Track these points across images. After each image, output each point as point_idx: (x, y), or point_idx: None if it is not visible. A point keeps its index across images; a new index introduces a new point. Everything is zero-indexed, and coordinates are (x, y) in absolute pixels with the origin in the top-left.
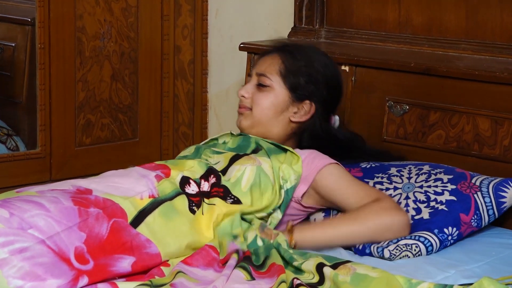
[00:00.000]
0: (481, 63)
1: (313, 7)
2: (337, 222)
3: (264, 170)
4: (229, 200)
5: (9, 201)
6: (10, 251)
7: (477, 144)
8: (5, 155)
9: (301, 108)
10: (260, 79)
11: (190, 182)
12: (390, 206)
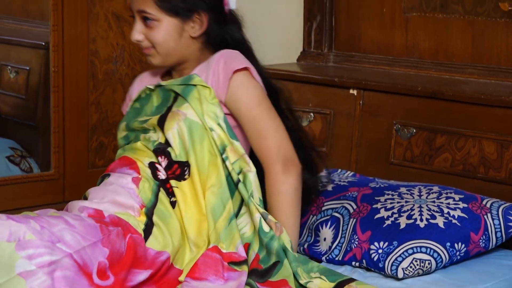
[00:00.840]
0: (487, 87)
1: (322, 31)
2: (287, 218)
3: (192, 118)
4: (187, 174)
5: (36, 216)
6: (37, 263)
7: (483, 167)
8: (19, 177)
9: (194, 21)
10: (142, 16)
11: (157, 168)
12: (287, 176)
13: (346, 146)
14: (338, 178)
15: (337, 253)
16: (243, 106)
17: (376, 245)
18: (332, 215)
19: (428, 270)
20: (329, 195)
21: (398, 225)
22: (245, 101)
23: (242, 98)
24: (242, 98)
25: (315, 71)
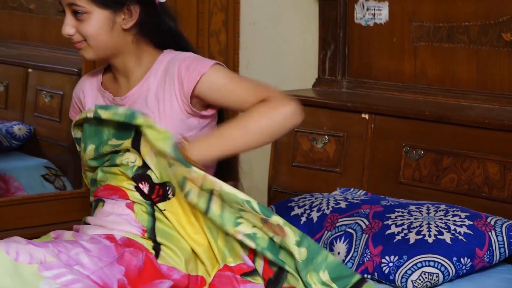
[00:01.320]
0: (491, 112)
1: (336, 59)
2: (229, 131)
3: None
4: (170, 194)
5: (54, 241)
6: (61, 282)
7: (487, 187)
8: (53, 194)
9: (125, 13)
10: (72, 9)
11: (143, 190)
12: (279, 103)
13: (358, 167)
14: (351, 196)
15: (350, 266)
16: (221, 88)
17: (387, 259)
18: (345, 230)
19: (436, 283)
20: (342, 212)
21: (407, 240)
22: (219, 85)
23: (216, 84)
24: (216, 84)
25: (329, 96)
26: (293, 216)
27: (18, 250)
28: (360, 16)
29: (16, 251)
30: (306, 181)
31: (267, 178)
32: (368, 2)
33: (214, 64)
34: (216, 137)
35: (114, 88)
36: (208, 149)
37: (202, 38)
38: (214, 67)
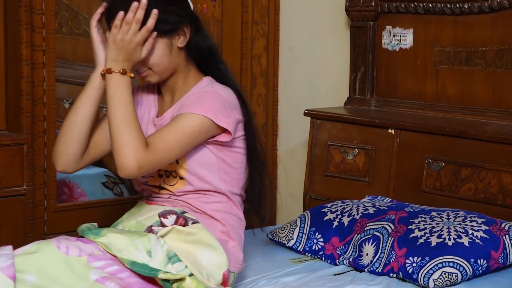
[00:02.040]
0: (505, 128)
1: (365, 80)
2: (129, 111)
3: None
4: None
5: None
6: (109, 271)
7: (501, 196)
8: (112, 199)
9: (180, 34)
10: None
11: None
12: (139, 156)
13: (385, 177)
14: (379, 203)
15: (377, 266)
16: (178, 121)
17: (410, 260)
18: (373, 234)
19: (455, 282)
20: (371, 217)
21: (429, 243)
22: (183, 120)
23: (184, 118)
24: (184, 118)
25: (359, 113)
26: (326, 220)
27: (68, 245)
28: (387, 42)
29: (66, 246)
30: (338, 189)
31: (303, 187)
32: (394, 29)
33: (201, 115)
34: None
35: (161, 105)
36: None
37: (245, 61)
38: (197, 116)
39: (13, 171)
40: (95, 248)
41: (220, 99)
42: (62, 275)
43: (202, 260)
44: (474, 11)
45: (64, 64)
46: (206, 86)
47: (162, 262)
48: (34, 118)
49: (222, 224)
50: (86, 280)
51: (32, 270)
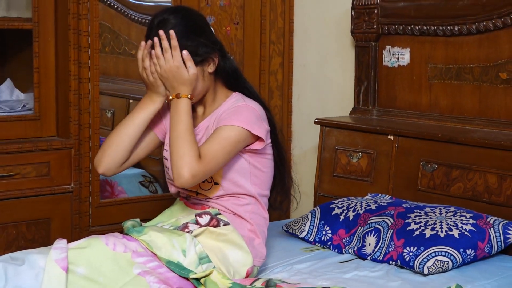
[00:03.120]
0: (490, 135)
1: (368, 93)
2: (184, 129)
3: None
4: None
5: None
6: (150, 266)
7: (486, 194)
8: (148, 197)
9: (210, 61)
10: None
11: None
12: (194, 164)
13: (385, 177)
14: (380, 200)
15: (378, 255)
16: (222, 132)
17: (408, 249)
18: (375, 226)
19: (447, 269)
20: (373, 212)
21: (424, 235)
22: (225, 131)
23: (226, 129)
24: (226, 129)
25: (362, 122)
26: (334, 215)
27: (115, 242)
28: (387, 60)
29: (114, 243)
30: (344, 188)
31: (313, 186)
32: (393, 49)
33: (239, 126)
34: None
35: (194, 118)
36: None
37: (263, 76)
38: (236, 128)
39: (62, 172)
40: (138, 246)
41: (252, 112)
42: (108, 268)
43: (230, 257)
44: (463, 32)
45: (106, 79)
46: (238, 101)
47: (193, 262)
48: (80, 126)
49: (250, 223)
50: (129, 274)
51: (82, 263)
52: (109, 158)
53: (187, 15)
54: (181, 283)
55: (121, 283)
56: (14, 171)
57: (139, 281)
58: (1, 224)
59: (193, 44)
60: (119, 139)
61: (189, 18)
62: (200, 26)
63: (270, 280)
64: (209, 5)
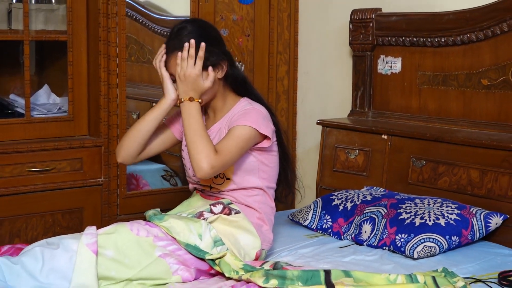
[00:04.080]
0: (473, 135)
1: (364, 97)
2: (200, 128)
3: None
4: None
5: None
6: (169, 249)
7: (470, 187)
8: (169, 189)
9: (219, 68)
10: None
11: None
12: (210, 158)
13: (379, 172)
14: (374, 192)
15: (373, 241)
16: (235, 131)
17: (399, 236)
18: (370, 216)
19: (434, 253)
20: (368, 203)
21: (414, 223)
22: (238, 130)
23: (238, 129)
24: (238, 129)
25: (359, 123)
26: (334, 205)
27: (139, 228)
28: (381, 68)
29: (137, 228)
30: (343, 181)
31: (315, 180)
32: (387, 58)
33: (249, 126)
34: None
35: (207, 122)
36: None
37: (271, 82)
38: (246, 127)
39: (93, 167)
40: (159, 231)
41: (259, 114)
42: (133, 251)
43: (241, 241)
44: (449, 44)
45: (132, 85)
46: (246, 105)
47: (209, 245)
48: (109, 126)
49: (259, 212)
50: (152, 256)
51: (110, 246)
52: (125, 150)
53: (203, 25)
54: (198, 263)
55: (144, 264)
56: (51, 166)
57: (160, 262)
58: (40, 213)
59: (206, 50)
60: (133, 134)
61: (204, 28)
62: (213, 36)
63: (277, 262)
64: (223, 19)
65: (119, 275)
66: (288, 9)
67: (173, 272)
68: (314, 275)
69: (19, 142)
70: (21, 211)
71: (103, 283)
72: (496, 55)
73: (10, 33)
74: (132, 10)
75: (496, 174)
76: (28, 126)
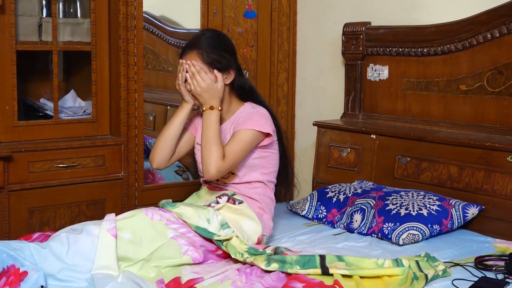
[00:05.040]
0: (452, 135)
1: (355, 101)
2: (213, 134)
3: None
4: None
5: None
6: (180, 231)
7: (449, 181)
8: (182, 182)
9: (227, 74)
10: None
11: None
12: (218, 162)
13: (368, 168)
14: (364, 186)
15: (363, 229)
16: (239, 135)
17: (386, 225)
18: (360, 207)
19: (417, 240)
20: (359, 195)
21: (400, 213)
22: (242, 134)
23: (242, 132)
24: (242, 132)
25: (351, 124)
26: (328, 197)
27: (153, 213)
28: (370, 75)
29: (152, 213)
30: (336, 176)
31: (312, 174)
32: (375, 66)
33: (252, 129)
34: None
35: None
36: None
37: (273, 88)
38: (249, 130)
39: (114, 163)
40: (171, 216)
41: (262, 115)
42: (148, 233)
43: (244, 227)
44: (431, 53)
45: (149, 90)
46: (250, 108)
47: (216, 228)
48: (128, 127)
49: (260, 202)
50: (165, 237)
51: (128, 230)
52: (159, 155)
53: (221, 35)
54: (206, 245)
55: (158, 244)
56: (77, 162)
57: (172, 243)
58: (67, 204)
59: (217, 56)
60: (164, 139)
61: (221, 36)
62: (227, 45)
63: (278, 248)
64: (230, 31)
65: (136, 256)
66: (287, 23)
67: (183, 253)
68: (310, 260)
69: (49, 141)
70: (50, 202)
71: (122, 265)
72: (473, 63)
73: (41, 44)
74: (149, 23)
75: (473, 169)
76: (56, 127)
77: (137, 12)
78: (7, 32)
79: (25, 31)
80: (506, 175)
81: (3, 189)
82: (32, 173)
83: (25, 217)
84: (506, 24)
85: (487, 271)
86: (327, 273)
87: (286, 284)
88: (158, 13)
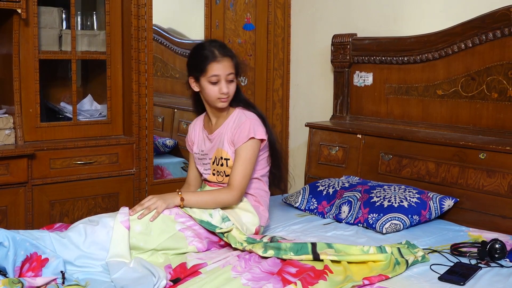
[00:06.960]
0: (430, 134)
1: (343, 104)
2: (203, 195)
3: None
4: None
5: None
6: (188, 224)
7: (428, 176)
8: (184, 178)
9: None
10: (228, 79)
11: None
12: (228, 195)
13: (355, 164)
14: (351, 180)
15: (350, 219)
16: (241, 153)
17: (371, 215)
18: (348, 199)
19: (399, 229)
20: (346, 189)
21: (383, 205)
22: (243, 151)
23: (243, 149)
24: (243, 149)
25: (339, 125)
26: (319, 191)
27: None
28: (356, 81)
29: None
30: (326, 172)
31: (304, 170)
32: (361, 73)
33: (251, 138)
34: (196, 196)
35: (208, 127)
36: (191, 202)
37: (269, 93)
38: (247, 143)
39: (127, 160)
40: (179, 210)
41: (253, 122)
42: (157, 226)
43: (243, 219)
44: (411, 62)
45: (158, 95)
46: (241, 116)
47: (218, 221)
48: (139, 128)
49: (255, 196)
50: (173, 230)
51: (139, 222)
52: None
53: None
54: (209, 236)
55: (166, 236)
56: (93, 159)
57: (180, 235)
58: (84, 197)
59: (239, 62)
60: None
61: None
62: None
63: (273, 236)
64: (230, 42)
65: (146, 246)
66: (282, 34)
67: (189, 243)
68: (303, 247)
69: (68, 141)
70: (69, 195)
71: (134, 253)
72: (448, 71)
73: (61, 54)
74: (158, 35)
75: (449, 165)
76: (75, 127)
77: (147, 24)
78: (30, 42)
79: (47, 41)
80: (478, 171)
81: (27, 183)
82: (53, 169)
83: (47, 209)
84: (478, 35)
85: (462, 257)
86: (318, 258)
87: (281, 269)
88: (166, 25)
